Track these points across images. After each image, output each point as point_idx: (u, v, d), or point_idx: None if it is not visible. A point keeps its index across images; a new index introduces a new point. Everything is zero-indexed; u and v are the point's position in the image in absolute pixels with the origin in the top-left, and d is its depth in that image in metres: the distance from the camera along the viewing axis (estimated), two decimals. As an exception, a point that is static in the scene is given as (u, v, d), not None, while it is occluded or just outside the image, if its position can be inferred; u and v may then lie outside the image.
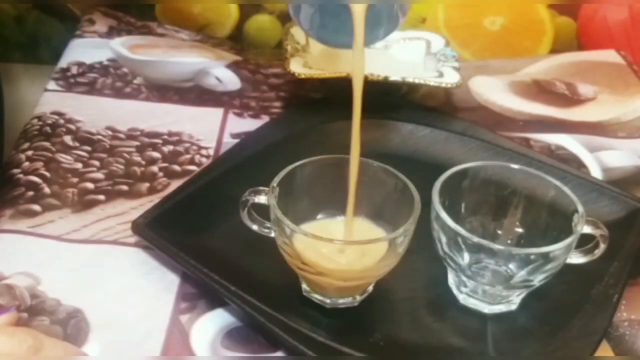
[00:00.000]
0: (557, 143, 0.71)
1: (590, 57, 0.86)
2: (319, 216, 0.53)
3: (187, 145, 0.67)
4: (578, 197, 0.51)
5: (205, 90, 0.76)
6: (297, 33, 0.75)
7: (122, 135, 0.68)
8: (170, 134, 0.69)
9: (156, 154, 0.66)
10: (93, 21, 0.85)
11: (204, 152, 0.67)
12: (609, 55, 0.86)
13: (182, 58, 0.80)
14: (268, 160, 0.59)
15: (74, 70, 0.76)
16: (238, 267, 0.53)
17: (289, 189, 0.51)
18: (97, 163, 0.64)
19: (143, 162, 0.65)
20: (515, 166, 0.53)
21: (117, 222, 0.58)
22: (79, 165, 0.64)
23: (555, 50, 0.88)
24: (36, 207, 0.59)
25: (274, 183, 0.50)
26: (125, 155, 0.65)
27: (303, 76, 0.67)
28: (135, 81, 0.76)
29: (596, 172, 0.68)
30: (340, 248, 0.49)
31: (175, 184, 0.62)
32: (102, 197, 0.61)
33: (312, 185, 0.52)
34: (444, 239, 0.50)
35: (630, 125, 0.75)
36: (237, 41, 0.87)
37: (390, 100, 0.71)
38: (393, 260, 0.49)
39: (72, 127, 0.68)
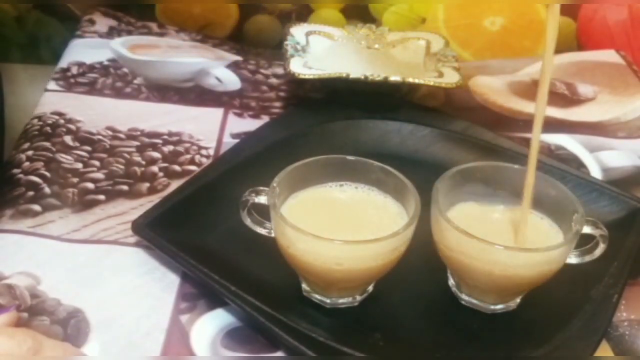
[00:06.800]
0: (557, 143, 0.71)
1: (590, 57, 0.86)
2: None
3: (187, 145, 0.68)
4: (578, 197, 0.51)
5: (205, 90, 0.76)
6: (297, 33, 0.75)
7: (122, 135, 0.68)
8: (170, 134, 0.69)
9: (156, 154, 0.66)
10: (93, 21, 0.85)
11: (204, 152, 0.67)
12: (609, 55, 0.86)
13: (182, 58, 0.80)
14: (268, 160, 0.59)
15: (74, 70, 0.76)
16: (238, 267, 0.53)
17: (289, 189, 0.51)
18: (97, 163, 0.64)
19: (143, 162, 0.65)
20: (515, 166, 0.53)
21: (117, 222, 0.58)
22: (79, 165, 0.64)
23: (555, 50, 0.88)
24: (36, 207, 0.59)
25: (274, 183, 0.50)
26: (126, 155, 0.65)
27: (303, 76, 0.67)
28: (135, 81, 0.76)
29: (596, 172, 0.68)
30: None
31: (176, 184, 0.62)
32: (102, 197, 0.61)
33: (311, 185, 0.53)
34: (444, 239, 0.50)
35: (630, 125, 0.75)
36: (237, 41, 0.87)
37: (390, 100, 0.72)
38: (393, 260, 0.49)
39: (72, 127, 0.68)
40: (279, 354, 0.50)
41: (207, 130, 0.70)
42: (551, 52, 0.49)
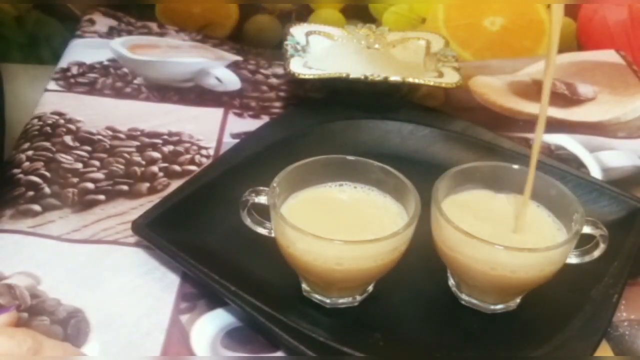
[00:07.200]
0: (557, 143, 0.71)
1: (590, 57, 0.86)
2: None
3: (187, 145, 0.68)
4: (578, 197, 0.51)
5: (205, 90, 0.76)
6: (297, 33, 0.75)
7: (122, 135, 0.68)
8: (170, 134, 0.69)
9: (156, 154, 0.66)
10: (93, 21, 0.85)
11: (204, 152, 0.67)
12: (609, 55, 0.86)
13: (182, 58, 0.80)
14: (268, 160, 0.59)
15: (74, 70, 0.76)
16: (238, 267, 0.53)
17: (289, 189, 0.51)
18: (97, 163, 0.64)
19: (143, 162, 0.65)
20: (515, 166, 0.53)
21: (117, 222, 0.58)
22: (79, 165, 0.64)
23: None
24: (36, 207, 0.59)
25: (274, 183, 0.50)
26: (126, 155, 0.65)
27: (303, 76, 0.67)
28: (135, 81, 0.76)
29: (596, 172, 0.68)
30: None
31: (176, 184, 0.62)
32: (102, 197, 0.61)
33: (311, 185, 0.53)
34: (443, 239, 0.50)
35: (630, 125, 0.75)
36: (237, 41, 0.87)
37: (391, 100, 0.72)
38: (393, 260, 0.49)
39: (72, 127, 0.68)
40: (279, 354, 0.50)
41: (207, 130, 0.70)
42: (554, 49, 0.49)
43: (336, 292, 0.51)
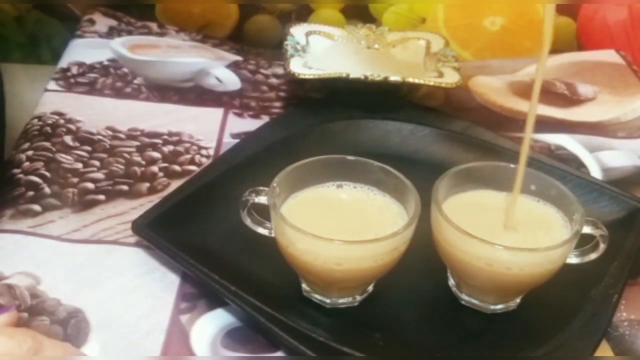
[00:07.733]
0: (557, 143, 0.71)
1: (590, 57, 0.86)
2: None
3: (187, 145, 0.68)
4: (578, 197, 0.51)
5: (205, 90, 0.76)
6: (297, 33, 0.76)
7: (122, 135, 0.68)
8: (170, 134, 0.69)
9: (156, 154, 0.66)
10: (93, 21, 0.85)
11: (204, 152, 0.67)
12: (609, 55, 0.86)
13: (182, 58, 0.80)
14: (268, 160, 0.59)
15: (74, 70, 0.76)
16: (238, 267, 0.53)
17: (289, 189, 0.51)
18: (97, 163, 0.64)
19: (143, 162, 0.65)
20: (516, 166, 0.53)
21: (117, 222, 0.58)
22: (79, 165, 0.64)
23: (555, 50, 0.88)
24: (36, 207, 0.59)
25: (274, 183, 0.50)
26: (126, 155, 0.66)
27: (303, 76, 0.67)
28: (135, 81, 0.76)
29: (596, 172, 0.68)
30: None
31: (176, 184, 0.62)
32: (102, 197, 0.61)
33: (311, 185, 0.53)
34: (444, 239, 0.50)
35: (630, 125, 0.75)
36: (237, 41, 0.87)
37: (390, 100, 0.72)
38: (393, 260, 0.49)
39: (72, 127, 0.68)
40: (279, 354, 0.50)
41: (207, 130, 0.70)
42: (547, 47, 0.49)
43: (336, 292, 0.51)
